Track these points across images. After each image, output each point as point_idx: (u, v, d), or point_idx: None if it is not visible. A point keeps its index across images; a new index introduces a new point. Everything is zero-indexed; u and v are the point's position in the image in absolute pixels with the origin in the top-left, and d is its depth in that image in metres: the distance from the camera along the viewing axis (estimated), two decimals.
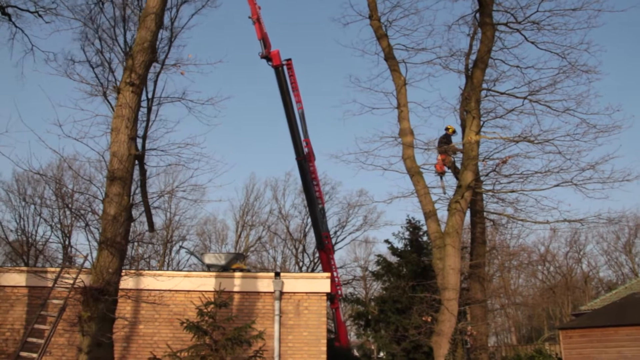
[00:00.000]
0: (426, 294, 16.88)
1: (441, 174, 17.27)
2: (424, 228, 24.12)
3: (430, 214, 15.30)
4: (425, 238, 24.38)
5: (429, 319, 16.25)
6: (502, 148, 16.95)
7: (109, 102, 11.00)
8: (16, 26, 18.42)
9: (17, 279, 15.52)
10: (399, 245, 25.34)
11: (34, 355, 12.16)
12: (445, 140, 17.19)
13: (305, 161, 23.44)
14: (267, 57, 22.78)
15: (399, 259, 24.95)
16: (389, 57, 16.68)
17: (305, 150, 23.48)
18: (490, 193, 17.68)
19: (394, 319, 22.19)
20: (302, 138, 23.41)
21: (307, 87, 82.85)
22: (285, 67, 23.06)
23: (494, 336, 49.77)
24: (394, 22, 17.21)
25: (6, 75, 75.56)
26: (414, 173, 15.57)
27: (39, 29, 71.64)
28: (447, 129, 17.50)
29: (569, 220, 15.39)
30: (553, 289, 48.42)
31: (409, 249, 24.56)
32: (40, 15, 18.26)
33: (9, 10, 17.84)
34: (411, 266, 23.46)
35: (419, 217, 26.02)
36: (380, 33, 16.91)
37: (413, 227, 24.83)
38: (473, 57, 17.04)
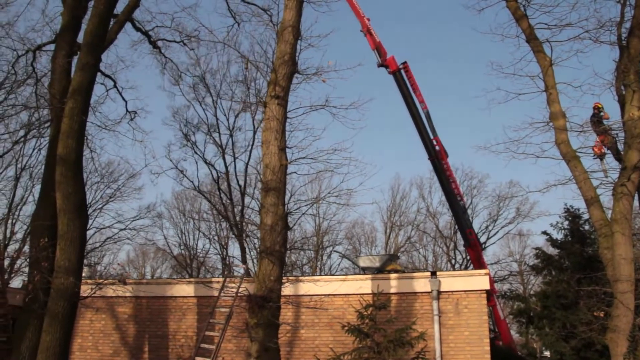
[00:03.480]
0: (595, 287, 15.68)
1: (600, 156, 16.01)
2: (585, 216, 22.50)
3: (593, 201, 14.22)
4: (587, 227, 22.73)
5: (601, 315, 15.10)
6: None
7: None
8: (166, 57, 20.04)
9: (186, 289, 16.74)
10: (559, 236, 23.88)
11: None
12: (596, 119, 15.93)
13: (437, 160, 23.07)
14: (384, 65, 22.78)
15: (559, 250, 23.50)
16: (531, 38, 15.77)
17: (437, 148, 23.10)
18: None
19: (560, 315, 20.88)
20: (431, 137, 23.07)
21: (443, 80, 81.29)
22: (402, 71, 22.91)
23: None
24: (532, 0, 16.22)
25: (158, 101, 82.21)
26: (570, 158, 14.57)
27: (186, 57, 77.38)
28: (595, 107, 16.23)
29: None
30: None
31: (570, 239, 23.03)
32: (184, 44, 19.70)
33: (159, 43, 19.46)
34: (574, 258, 21.97)
35: (578, 204, 24.40)
36: (519, 14, 16.04)
37: (572, 216, 23.22)
38: (627, 25, 15.55)
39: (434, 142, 22.98)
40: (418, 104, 22.93)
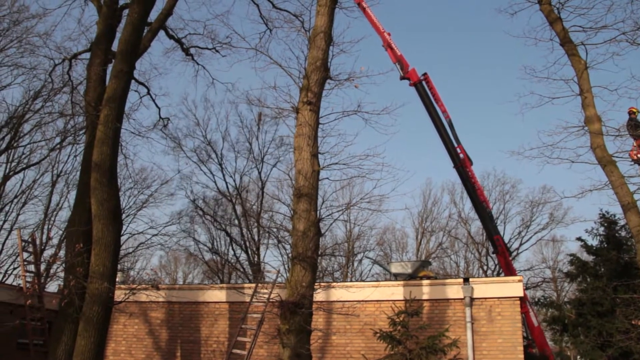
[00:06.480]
0: (633, 295, 15.31)
1: (638, 161, 15.66)
2: (621, 222, 22.09)
3: (630, 206, 13.87)
4: (623, 233, 22.27)
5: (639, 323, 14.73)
6: None
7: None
8: (198, 64, 20.26)
9: (218, 295, 16.84)
10: (594, 242, 23.46)
11: None
12: (633, 123, 15.60)
13: (462, 168, 22.96)
14: (406, 77, 22.90)
15: (594, 257, 23.05)
16: (565, 41, 15.52)
17: (461, 156, 23.00)
18: None
19: (595, 323, 20.46)
20: (455, 145, 22.99)
21: (471, 86, 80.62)
22: (424, 82, 22.97)
23: None
24: (567, 3, 15.97)
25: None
26: (606, 163, 14.25)
27: (217, 63, 78.23)
28: (630, 112, 15.91)
29: None
30: None
31: (606, 245, 22.58)
32: (217, 51, 19.88)
33: (192, 50, 19.68)
34: (609, 264, 21.54)
35: (614, 210, 23.98)
36: (553, 17, 15.81)
37: (608, 221, 22.78)
38: None
39: (458, 150, 22.92)
40: (441, 114, 23.00)
